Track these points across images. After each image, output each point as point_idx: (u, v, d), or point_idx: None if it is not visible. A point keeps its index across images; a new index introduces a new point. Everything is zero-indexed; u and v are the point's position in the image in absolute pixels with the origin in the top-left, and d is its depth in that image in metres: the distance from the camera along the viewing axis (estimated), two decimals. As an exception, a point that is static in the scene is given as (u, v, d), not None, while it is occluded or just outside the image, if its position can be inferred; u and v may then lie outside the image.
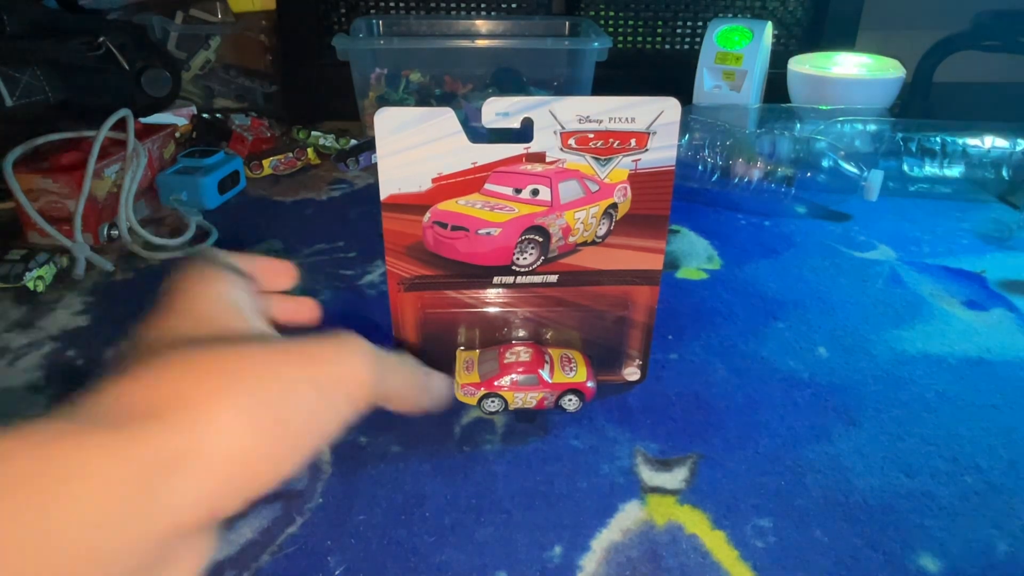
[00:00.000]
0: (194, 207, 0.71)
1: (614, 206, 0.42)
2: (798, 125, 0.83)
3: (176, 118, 0.87)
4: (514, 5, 1.02)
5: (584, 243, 0.43)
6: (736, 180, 0.73)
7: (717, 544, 0.36)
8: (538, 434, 0.43)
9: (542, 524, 0.37)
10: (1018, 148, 0.73)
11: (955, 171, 0.75)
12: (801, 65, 0.90)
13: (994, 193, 0.76)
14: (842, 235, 0.68)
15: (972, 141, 0.74)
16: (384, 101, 0.91)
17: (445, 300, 0.44)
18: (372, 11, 1.02)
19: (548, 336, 0.47)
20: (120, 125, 0.66)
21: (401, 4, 1.02)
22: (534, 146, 0.40)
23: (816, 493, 0.39)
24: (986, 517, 0.37)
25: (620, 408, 0.45)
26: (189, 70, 0.98)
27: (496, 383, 0.43)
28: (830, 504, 0.38)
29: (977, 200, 0.75)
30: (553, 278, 0.44)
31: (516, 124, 0.39)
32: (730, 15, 1.02)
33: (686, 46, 1.05)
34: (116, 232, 0.65)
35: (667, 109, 0.39)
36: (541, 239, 0.42)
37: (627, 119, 0.39)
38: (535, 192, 0.41)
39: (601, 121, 0.39)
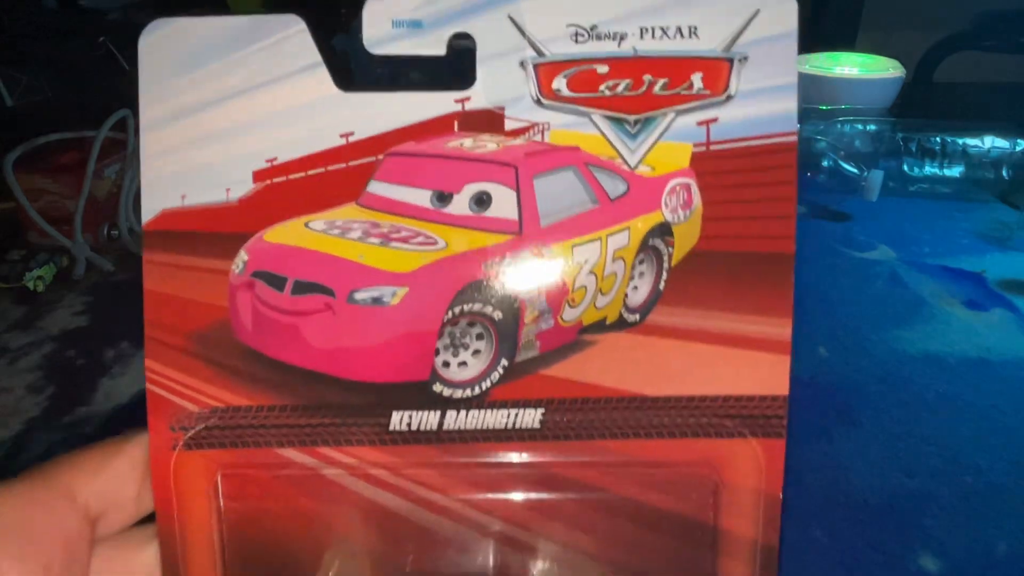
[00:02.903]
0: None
1: (664, 230, 0.21)
2: (798, 125, 0.83)
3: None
4: (514, 5, 1.02)
5: (599, 323, 0.20)
6: (736, 180, 0.73)
7: (717, 544, 0.36)
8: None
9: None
10: (1018, 148, 0.73)
11: (955, 171, 0.75)
12: (801, 65, 0.90)
13: (994, 193, 0.75)
14: (842, 235, 0.68)
15: (972, 141, 0.74)
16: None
17: (281, 477, 0.21)
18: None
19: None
20: (120, 125, 0.66)
21: (401, 4, 1.02)
22: (478, 95, 0.19)
23: (816, 493, 0.39)
24: (986, 517, 0.37)
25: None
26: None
27: None
28: (830, 504, 0.38)
29: (977, 200, 0.75)
30: (533, 416, 0.20)
31: (440, 49, 0.19)
32: (730, 15, 1.02)
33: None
34: (116, 232, 0.65)
35: (770, 7, 0.19)
36: (500, 316, 0.20)
37: (682, 31, 0.19)
38: (482, 201, 0.20)
39: (624, 36, 0.19)
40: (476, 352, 0.20)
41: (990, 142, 0.74)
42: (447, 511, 0.21)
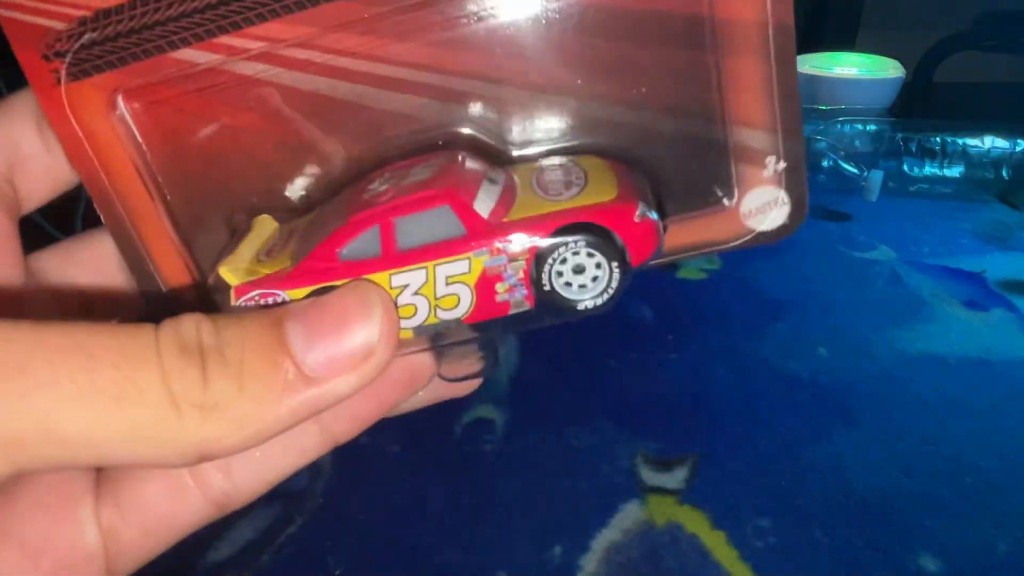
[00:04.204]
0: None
1: None
2: None
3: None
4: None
5: None
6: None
7: (717, 544, 0.36)
8: (538, 433, 0.43)
9: (542, 524, 0.37)
10: (1018, 148, 0.73)
11: (955, 171, 0.75)
12: (801, 65, 0.90)
13: (994, 193, 0.75)
14: (842, 235, 0.68)
15: (972, 141, 0.74)
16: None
17: (191, 91, 0.18)
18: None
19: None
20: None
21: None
22: None
23: (816, 493, 0.39)
24: (986, 517, 0.37)
25: (620, 408, 0.45)
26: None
27: (338, 253, 0.17)
28: (830, 504, 0.38)
29: (977, 200, 0.75)
30: None
31: None
32: (730, 15, 1.02)
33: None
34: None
35: None
36: None
37: None
38: None
39: None
40: None
41: (990, 142, 0.74)
42: (392, 82, 0.17)
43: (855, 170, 0.70)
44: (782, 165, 0.18)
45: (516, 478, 0.40)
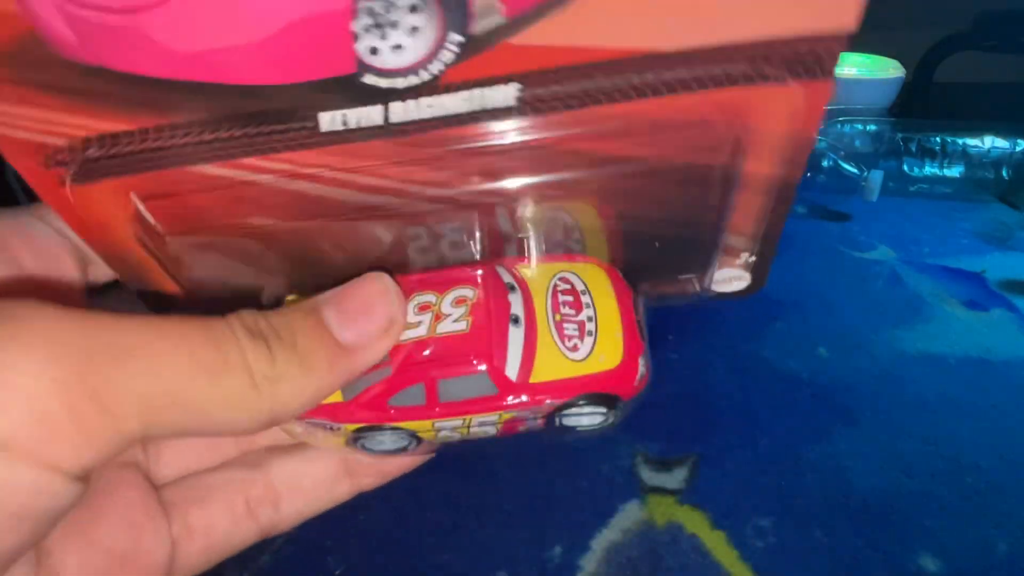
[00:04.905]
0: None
1: None
2: None
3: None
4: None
5: None
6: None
7: (717, 544, 0.36)
8: (539, 433, 0.43)
9: (542, 524, 0.37)
10: (1018, 148, 0.73)
11: (955, 171, 0.75)
12: (801, 65, 0.90)
13: (994, 193, 0.75)
14: (842, 235, 0.68)
15: (972, 141, 0.74)
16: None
17: (210, 193, 0.17)
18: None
19: (524, 215, 0.19)
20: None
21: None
22: None
23: (816, 493, 0.39)
24: (986, 517, 0.37)
25: (620, 408, 0.45)
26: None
27: (387, 401, 0.19)
28: (830, 504, 0.38)
29: (977, 200, 0.75)
30: (506, 94, 0.15)
31: None
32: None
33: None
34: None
35: None
36: None
37: None
38: None
39: None
40: (414, 29, 0.14)
41: (990, 142, 0.74)
42: (415, 195, 0.17)
43: (855, 170, 0.70)
44: (753, 259, 0.21)
45: (516, 478, 0.40)
